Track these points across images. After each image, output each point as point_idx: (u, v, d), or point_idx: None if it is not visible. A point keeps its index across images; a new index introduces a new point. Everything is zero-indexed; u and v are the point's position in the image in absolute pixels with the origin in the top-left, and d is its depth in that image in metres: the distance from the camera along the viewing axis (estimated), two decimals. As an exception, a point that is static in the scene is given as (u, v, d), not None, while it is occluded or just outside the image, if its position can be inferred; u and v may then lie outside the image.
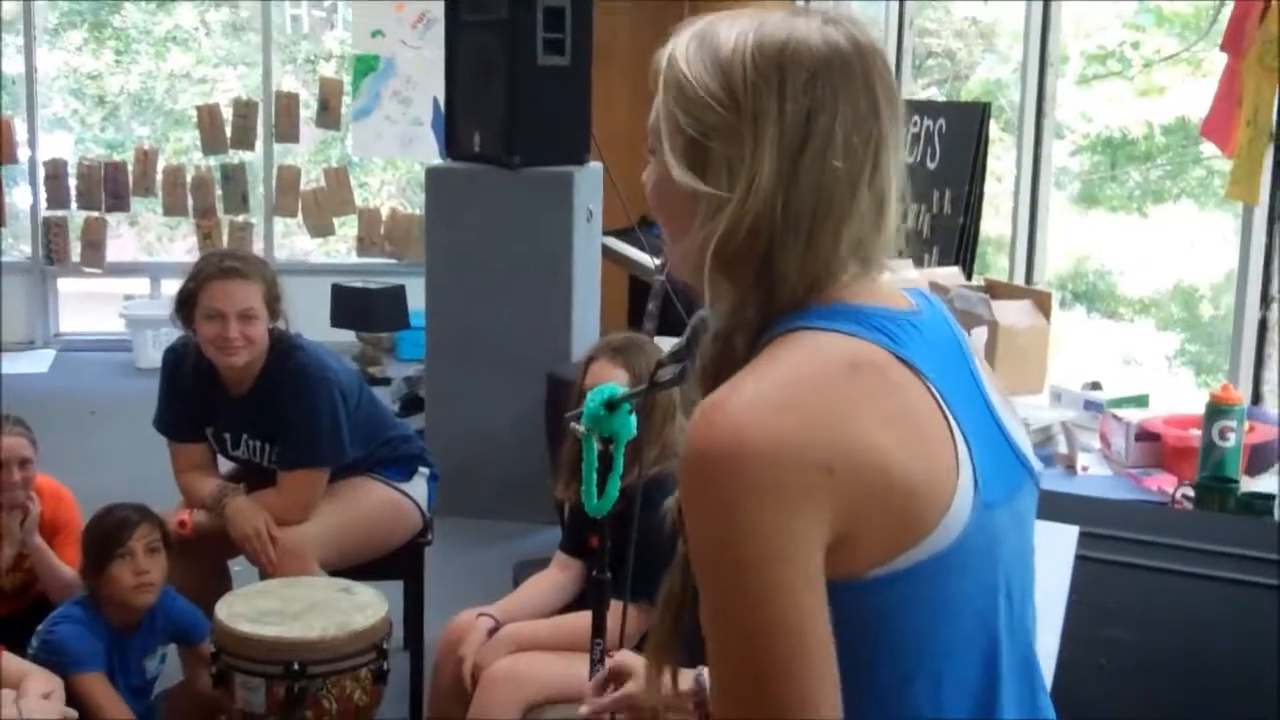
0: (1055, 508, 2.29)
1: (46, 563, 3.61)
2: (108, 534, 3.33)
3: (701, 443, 1.23)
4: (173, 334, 7.73)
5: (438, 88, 7.98)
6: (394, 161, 10.21)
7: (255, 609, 3.10)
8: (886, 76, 1.34)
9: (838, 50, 1.31)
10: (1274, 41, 3.58)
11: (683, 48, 1.35)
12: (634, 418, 2.29)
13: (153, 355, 7.75)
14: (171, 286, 8.78)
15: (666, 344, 3.35)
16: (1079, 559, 2.17)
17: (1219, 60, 3.94)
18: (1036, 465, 1.46)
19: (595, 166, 5.69)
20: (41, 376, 7.83)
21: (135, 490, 3.68)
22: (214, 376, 3.62)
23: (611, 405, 2.26)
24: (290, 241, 9.55)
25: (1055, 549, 2.13)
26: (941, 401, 1.31)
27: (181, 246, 10.84)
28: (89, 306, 9.06)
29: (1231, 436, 3.18)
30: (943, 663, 1.31)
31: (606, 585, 2.37)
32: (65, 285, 8.76)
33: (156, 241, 10.96)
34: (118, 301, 8.65)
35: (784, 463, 1.20)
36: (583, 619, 3.02)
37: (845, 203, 1.30)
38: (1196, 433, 3.38)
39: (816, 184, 1.29)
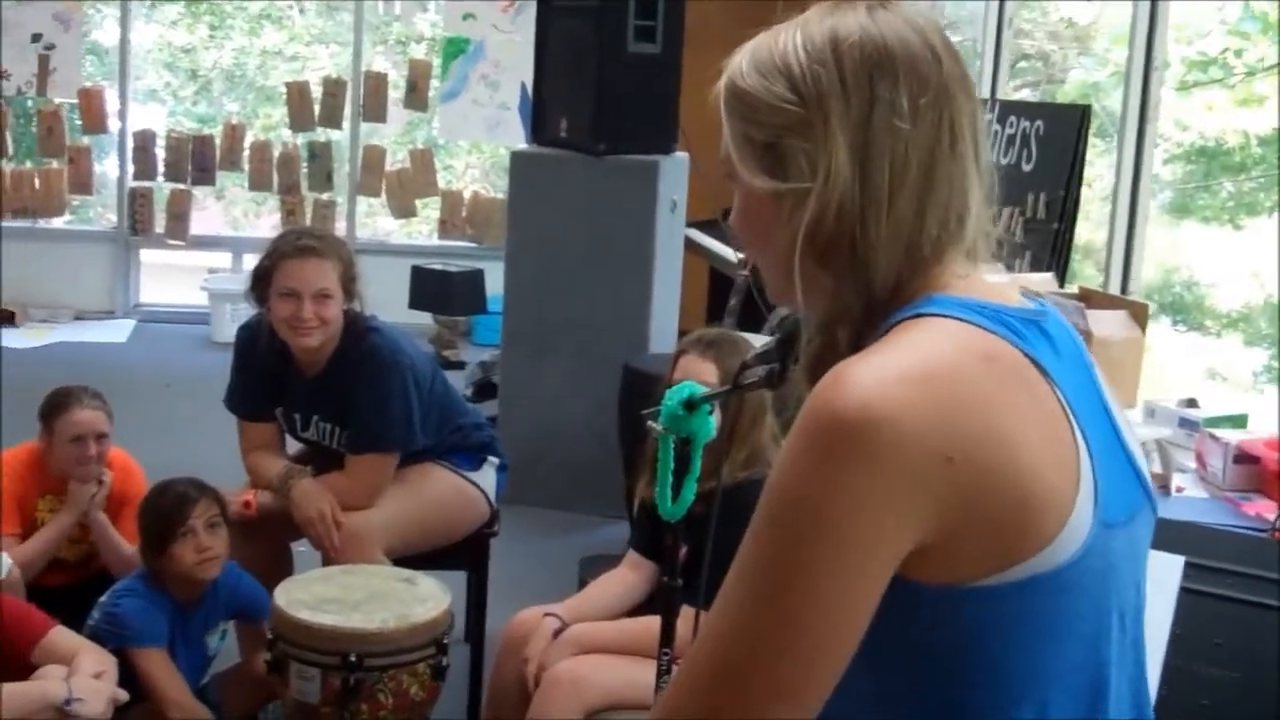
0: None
1: (108, 539, 3.59)
2: (168, 513, 3.27)
3: (826, 400, 1.17)
4: (248, 309, 7.84)
5: (526, 72, 7.93)
6: (479, 145, 10.19)
7: (314, 596, 3.04)
8: (947, 46, 1.32)
9: (889, 24, 1.31)
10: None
11: (736, 69, 1.36)
12: (713, 419, 2.20)
13: (231, 329, 7.73)
14: (254, 262, 8.81)
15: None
16: (1180, 590, 2.05)
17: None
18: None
19: (681, 157, 5.59)
20: (120, 346, 7.87)
21: (206, 466, 3.64)
22: (286, 356, 3.56)
23: (691, 405, 2.16)
24: (372, 221, 9.55)
25: (1159, 579, 2.01)
26: (1068, 409, 1.24)
27: (267, 222, 10.89)
28: (169, 278, 9.11)
29: (1338, 464, 3.05)
30: (1048, 691, 1.23)
31: (677, 592, 2.27)
32: (147, 256, 8.79)
33: (242, 216, 11.04)
34: (198, 274, 8.68)
35: (905, 442, 1.14)
36: (652, 624, 2.93)
37: (924, 169, 1.28)
38: (1299, 458, 3.25)
39: (889, 151, 1.27)
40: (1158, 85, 4.78)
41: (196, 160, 8.32)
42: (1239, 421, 3.70)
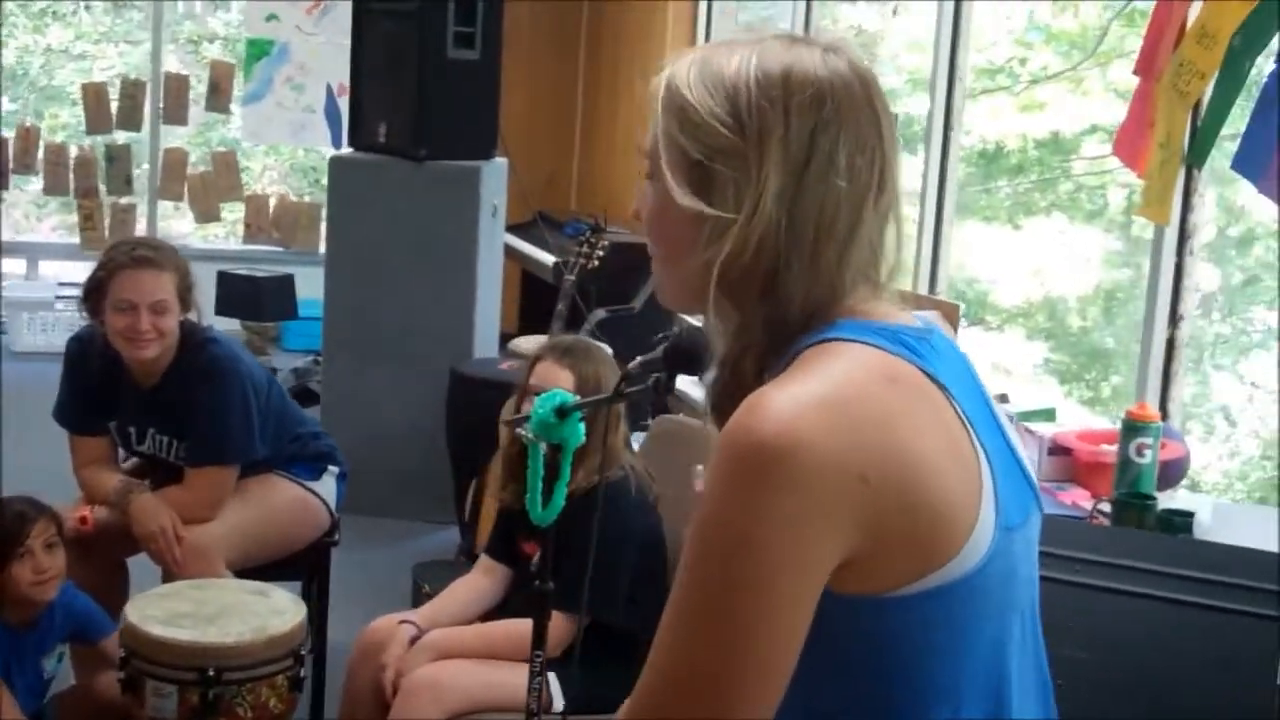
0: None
1: None
2: (4, 535, 3.16)
3: (745, 428, 1.22)
4: (49, 317, 7.55)
5: (332, 75, 7.88)
6: (277, 148, 10.02)
7: (166, 611, 2.99)
8: (885, 103, 1.36)
9: (839, 74, 1.33)
10: (1187, 66, 3.64)
11: (683, 73, 1.36)
12: (583, 426, 2.26)
13: (30, 339, 7.52)
14: (50, 268, 8.54)
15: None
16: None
17: (1098, 79, 4.01)
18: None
19: (501, 162, 5.63)
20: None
21: (15, 479, 3.52)
22: (120, 368, 3.49)
23: (562, 412, 2.22)
24: (167, 225, 9.30)
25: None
26: (966, 421, 1.31)
27: (48, 225, 10.50)
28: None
29: (1148, 454, 3.23)
30: (961, 692, 1.31)
31: (549, 595, 2.32)
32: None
33: (24, 219, 10.62)
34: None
35: (824, 466, 1.20)
36: (511, 627, 2.99)
37: (850, 224, 1.32)
38: (1108, 448, 3.44)
39: (820, 203, 1.30)
40: (962, 94, 4.99)
41: (-12, 164, 8.00)
42: (1048, 415, 3.89)
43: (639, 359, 1.90)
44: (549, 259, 6.20)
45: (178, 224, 9.25)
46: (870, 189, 1.32)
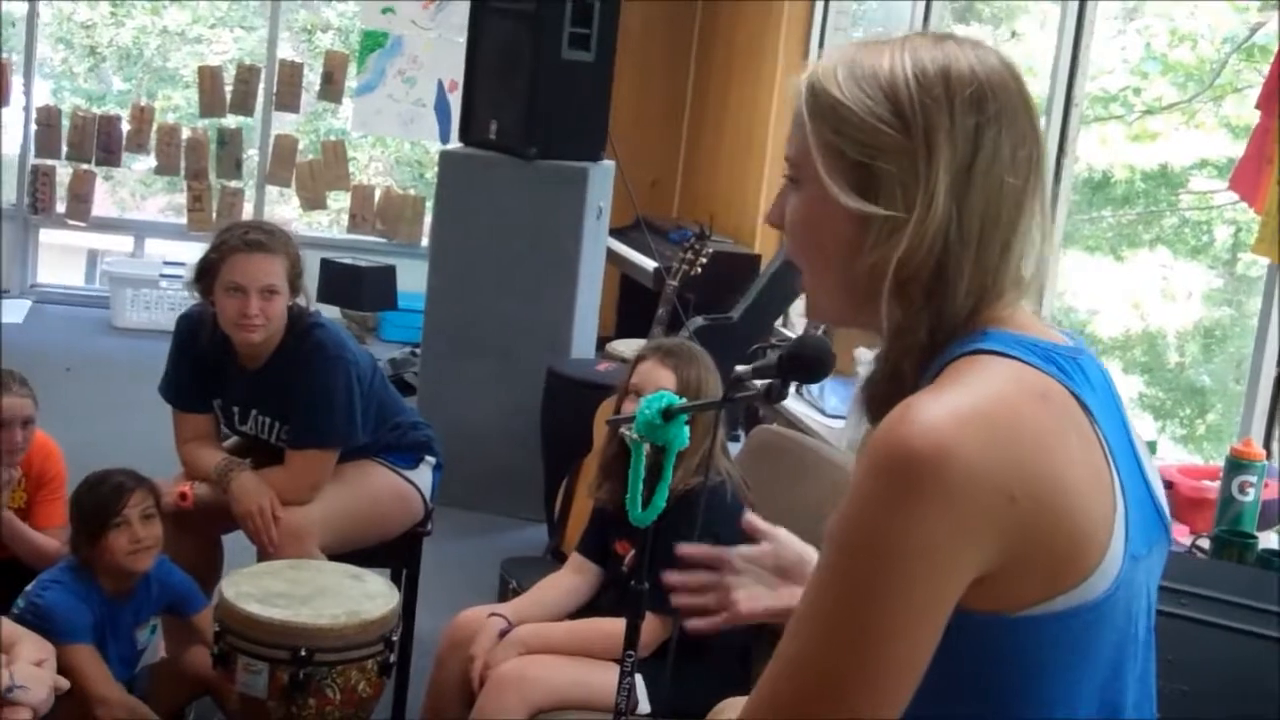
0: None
1: (20, 535, 3.47)
2: (102, 504, 3.22)
3: (900, 437, 1.21)
4: (152, 294, 7.67)
5: (444, 70, 7.95)
6: (383, 140, 10.11)
7: (262, 590, 3.03)
8: (1032, 97, 1.36)
9: (995, 70, 1.33)
10: (1314, 103, 3.58)
11: (830, 76, 1.34)
12: (688, 429, 2.27)
13: (132, 315, 7.65)
14: (156, 246, 8.68)
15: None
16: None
17: (1211, 112, 3.94)
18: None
19: (608, 164, 5.65)
20: (16, 327, 7.67)
21: (117, 452, 3.57)
22: (228, 348, 3.54)
23: (668, 414, 2.22)
24: (273, 211, 9.42)
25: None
26: (1105, 446, 1.30)
27: (153, 204, 10.67)
28: (59, 259, 8.88)
29: (1251, 491, 3.18)
30: (1076, 712, 1.30)
31: (644, 596, 2.33)
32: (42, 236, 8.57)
33: (130, 198, 10.81)
34: (83, 255, 8.41)
35: (973, 481, 1.19)
36: (600, 625, 3.00)
37: (1013, 218, 1.32)
38: (1210, 484, 3.39)
39: (987, 198, 1.30)
40: (1077, 121, 4.94)
41: (101, 140, 8.15)
42: (1149, 448, 3.84)
43: (752, 365, 1.89)
44: (650, 264, 6.21)
45: (283, 210, 9.36)
46: (1030, 181, 1.33)
